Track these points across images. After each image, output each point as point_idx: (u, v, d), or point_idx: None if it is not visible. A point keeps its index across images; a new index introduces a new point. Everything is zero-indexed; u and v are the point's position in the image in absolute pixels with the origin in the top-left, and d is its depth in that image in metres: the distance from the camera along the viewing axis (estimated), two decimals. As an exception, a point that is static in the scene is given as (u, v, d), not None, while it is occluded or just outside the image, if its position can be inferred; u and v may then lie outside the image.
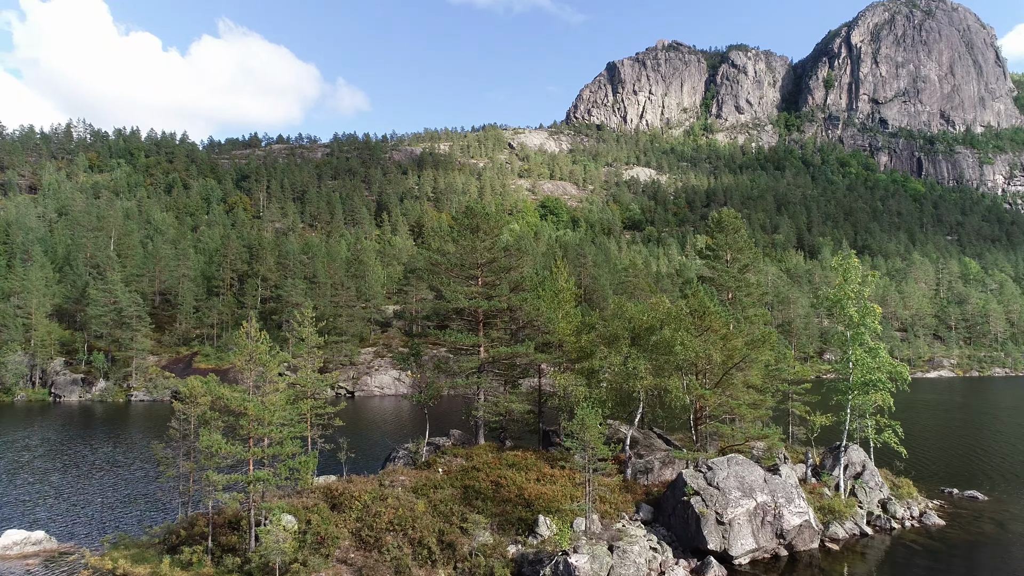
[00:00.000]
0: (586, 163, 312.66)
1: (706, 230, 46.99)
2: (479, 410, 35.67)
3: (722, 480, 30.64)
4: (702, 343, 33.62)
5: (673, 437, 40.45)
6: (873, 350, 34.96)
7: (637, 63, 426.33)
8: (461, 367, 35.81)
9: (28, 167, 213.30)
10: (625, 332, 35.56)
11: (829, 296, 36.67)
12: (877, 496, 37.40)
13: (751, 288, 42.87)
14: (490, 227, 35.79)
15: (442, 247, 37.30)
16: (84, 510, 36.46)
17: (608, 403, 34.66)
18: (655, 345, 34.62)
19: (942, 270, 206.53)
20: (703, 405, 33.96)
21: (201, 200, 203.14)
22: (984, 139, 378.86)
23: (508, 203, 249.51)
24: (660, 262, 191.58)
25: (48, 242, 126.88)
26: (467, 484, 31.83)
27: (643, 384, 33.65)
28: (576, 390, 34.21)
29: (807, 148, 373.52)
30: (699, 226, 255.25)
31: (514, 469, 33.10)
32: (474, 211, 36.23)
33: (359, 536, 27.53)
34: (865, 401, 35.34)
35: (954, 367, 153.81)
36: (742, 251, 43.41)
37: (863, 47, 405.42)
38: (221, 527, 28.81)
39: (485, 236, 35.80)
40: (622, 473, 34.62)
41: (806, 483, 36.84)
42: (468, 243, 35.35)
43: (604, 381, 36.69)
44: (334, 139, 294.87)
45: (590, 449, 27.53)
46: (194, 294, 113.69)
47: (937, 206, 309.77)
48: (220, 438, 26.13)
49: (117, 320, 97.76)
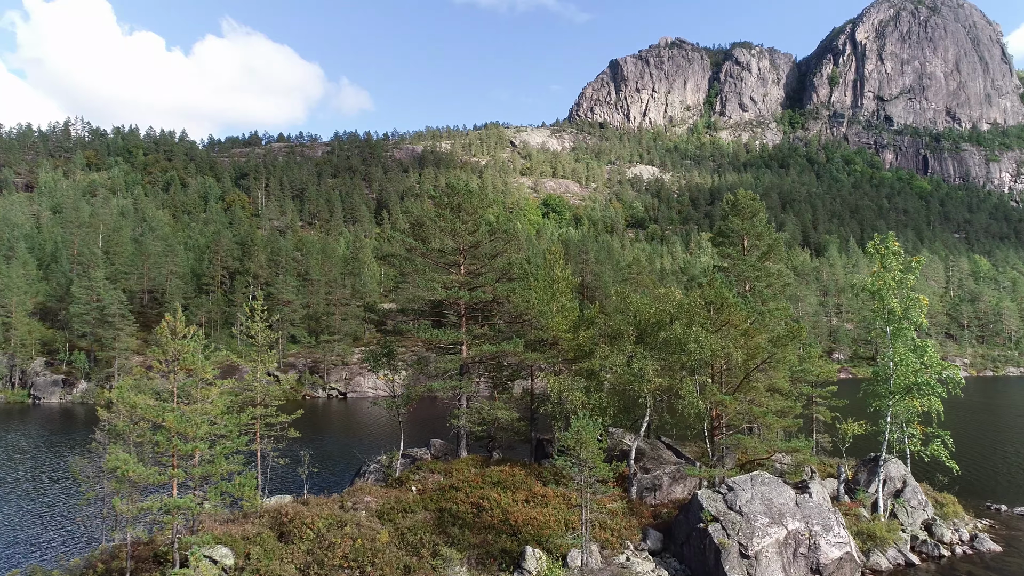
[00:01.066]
0: (589, 161, 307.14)
1: (720, 214, 41.62)
2: (460, 418, 30.56)
3: (745, 503, 25.46)
4: (720, 340, 28.43)
5: (684, 448, 35.26)
6: (920, 348, 29.72)
7: (640, 61, 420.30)
8: (440, 368, 30.73)
9: (25, 165, 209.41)
10: (629, 328, 30.41)
11: (866, 286, 31.41)
12: (920, 516, 32.12)
13: (772, 278, 37.57)
14: (473, 207, 30.71)
15: (418, 231, 31.71)
16: (9, 534, 31.44)
17: (609, 410, 29.49)
18: (664, 343, 29.47)
19: (952, 267, 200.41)
20: (721, 413, 28.77)
21: (199, 198, 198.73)
22: (990, 136, 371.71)
23: (510, 201, 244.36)
24: (664, 260, 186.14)
25: (35, 239, 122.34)
26: (443, 506, 26.72)
27: (650, 388, 28.52)
28: (572, 396, 29.06)
29: (811, 146, 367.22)
30: (703, 224, 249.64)
31: (499, 488, 27.98)
32: (455, 188, 31.17)
33: (307, 575, 22.46)
34: (909, 408, 30.10)
35: (968, 366, 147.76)
36: (761, 237, 38.15)
37: (868, 44, 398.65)
38: (145, 561, 23.81)
39: (467, 217, 30.75)
40: (626, 492, 29.49)
41: (839, 501, 31.62)
42: (448, 225, 30.28)
43: (605, 383, 31.50)
44: (335, 137, 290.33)
45: (587, 468, 22.40)
46: (183, 292, 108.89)
47: (944, 204, 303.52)
48: (129, 457, 21.06)
49: (99, 318, 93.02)
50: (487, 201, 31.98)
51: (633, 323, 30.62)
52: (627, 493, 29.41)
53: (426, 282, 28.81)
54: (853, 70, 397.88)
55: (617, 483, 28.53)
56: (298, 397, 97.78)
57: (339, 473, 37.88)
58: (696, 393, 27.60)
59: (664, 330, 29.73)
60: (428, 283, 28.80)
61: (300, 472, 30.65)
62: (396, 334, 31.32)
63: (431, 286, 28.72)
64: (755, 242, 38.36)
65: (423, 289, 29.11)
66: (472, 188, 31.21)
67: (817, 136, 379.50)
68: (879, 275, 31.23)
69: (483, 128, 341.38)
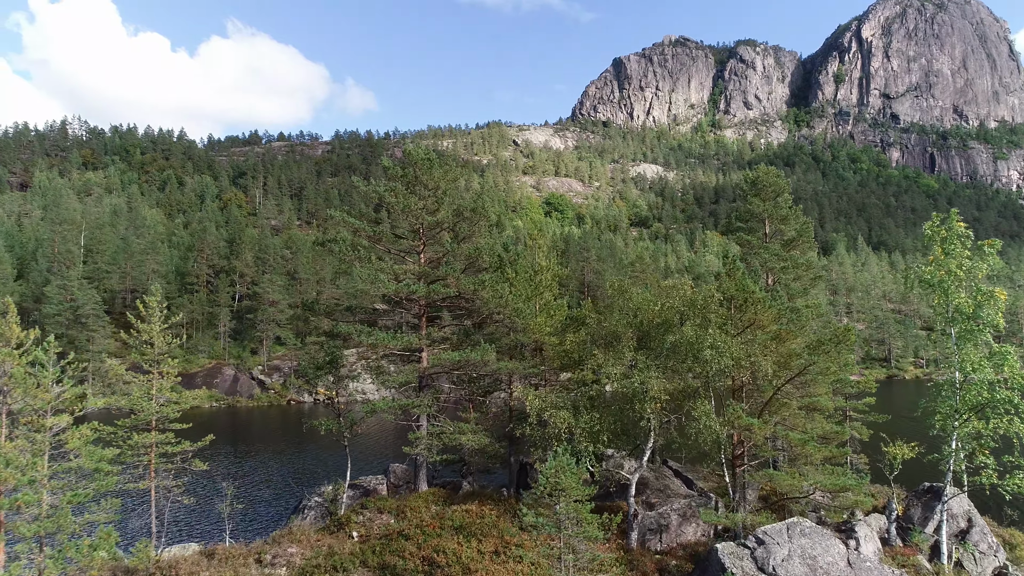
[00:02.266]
0: (592, 160, 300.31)
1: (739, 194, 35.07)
2: (418, 444, 24.21)
3: (781, 562, 19.01)
4: (743, 346, 22.00)
5: (697, 474, 28.79)
6: (997, 355, 23.19)
7: (644, 59, 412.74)
8: (395, 381, 24.39)
9: (20, 164, 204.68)
10: (628, 329, 23.98)
11: (924, 277, 24.89)
12: (991, 564, 25.59)
13: (800, 270, 31.04)
14: (434, 180, 24.44)
15: (365, 209, 25.30)
16: None
17: (604, 433, 23.08)
18: (673, 348, 23.06)
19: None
20: (745, 439, 22.37)
21: (195, 197, 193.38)
22: (998, 134, 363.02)
23: (512, 200, 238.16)
24: (669, 258, 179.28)
25: (15, 238, 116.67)
26: (387, 562, 20.38)
27: (655, 408, 22.13)
28: (555, 417, 22.65)
29: (817, 144, 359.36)
30: (708, 223, 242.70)
31: (462, 536, 21.60)
32: (412, 157, 24.90)
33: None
34: (980, 429, 23.62)
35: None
36: (786, 220, 31.62)
37: (874, 41, 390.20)
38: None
39: (426, 192, 24.51)
40: (624, 537, 23.09)
41: (890, 545, 25.14)
42: (401, 202, 23.98)
43: (599, 397, 25.07)
44: (335, 136, 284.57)
45: (570, 522, 16.08)
46: (165, 291, 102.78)
47: (952, 202, 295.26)
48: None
49: (73, 319, 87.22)
50: (452, 173, 25.61)
51: (633, 323, 24.20)
52: (626, 539, 23.00)
53: (370, 273, 22.53)
54: (859, 68, 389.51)
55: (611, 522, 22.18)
56: (283, 402, 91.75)
57: (279, 507, 31.40)
58: (713, 414, 21.17)
59: (672, 333, 23.31)
60: (373, 274, 22.50)
61: (222, 510, 24.37)
62: (334, 337, 25.03)
63: (376, 277, 22.41)
64: (779, 227, 31.87)
65: (366, 281, 22.87)
66: (432, 156, 24.97)
67: (823, 134, 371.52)
68: (940, 263, 24.73)
69: (485, 127, 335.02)
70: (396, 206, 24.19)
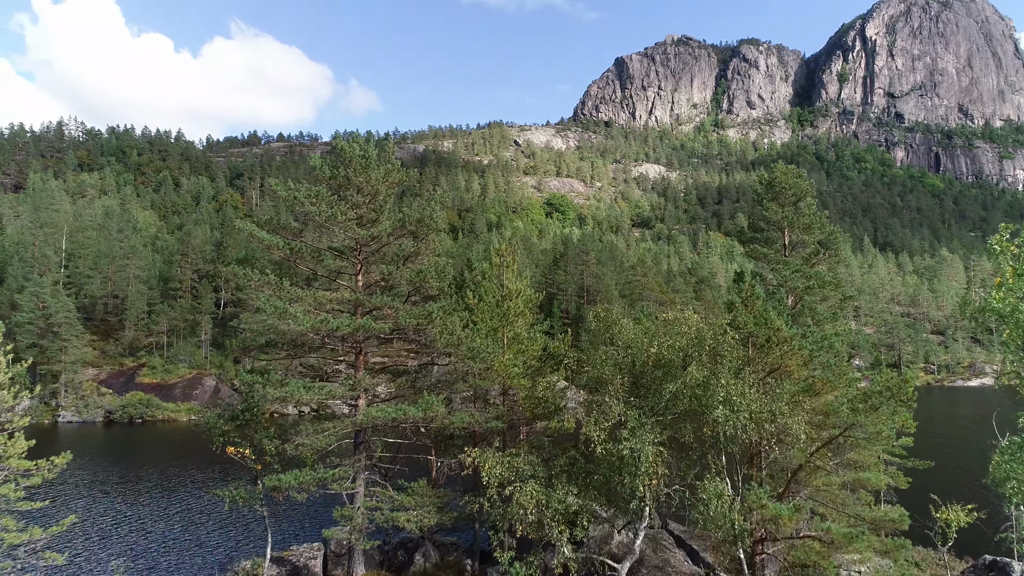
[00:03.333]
0: (594, 160, 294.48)
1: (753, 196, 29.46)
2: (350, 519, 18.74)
3: None
4: (767, 399, 16.58)
5: (704, 543, 23.33)
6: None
7: (646, 58, 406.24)
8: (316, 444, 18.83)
9: (15, 166, 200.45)
10: (617, 374, 18.57)
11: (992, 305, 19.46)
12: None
13: (826, 289, 25.29)
14: (371, 184, 19.11)
15: (285, 219, 19.81)
16: None
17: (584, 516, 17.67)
18: (674, 399, 17.66)
19: (973, 267, 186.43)
20: (769, 531, 16.98)
21: (191, 199, 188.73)
22: (1004, 133, 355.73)
23: (513, 201, 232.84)
24: (671, 260, 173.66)
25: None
26: None
27: (650, 482, 16.75)
28: (520, 493, 17.27)
29: (821, 144, 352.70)
30: (711, 223, 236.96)
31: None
32: (344, 154, 19.61)
33: None
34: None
35: (997, 373, 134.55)
36: (810, 229, 25.83)
37: (878, 40, 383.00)
38: None
39: (361, 199, 19.22)
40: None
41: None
42: (326, 211, 18.61)
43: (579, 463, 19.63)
44: (335, 137, 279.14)
45: None
46: (147, 297, 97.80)
47: (957, 201, 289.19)
48: None
49: (46, 328, 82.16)
50: (395, 175, 20.24)
51: (623, 365, 18.82)
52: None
53: (273, 308, 16.96)
54: (863, 67, 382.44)
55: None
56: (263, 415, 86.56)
57: None
58: (728, 496, 15.76)
59: (673, 379, 17.87)
60: (276, 309, 16.94)
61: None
62: (262, 375, 19.47)
63: (282, 311, 16.93)
64: (801, 237, 26.28)
65: (271, 316, 17.49)
66: (370, 154, 19.64)
67: (826, 134, 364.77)
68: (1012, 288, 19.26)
69: (486, 127, 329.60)
70: (319, 216, 18.82)
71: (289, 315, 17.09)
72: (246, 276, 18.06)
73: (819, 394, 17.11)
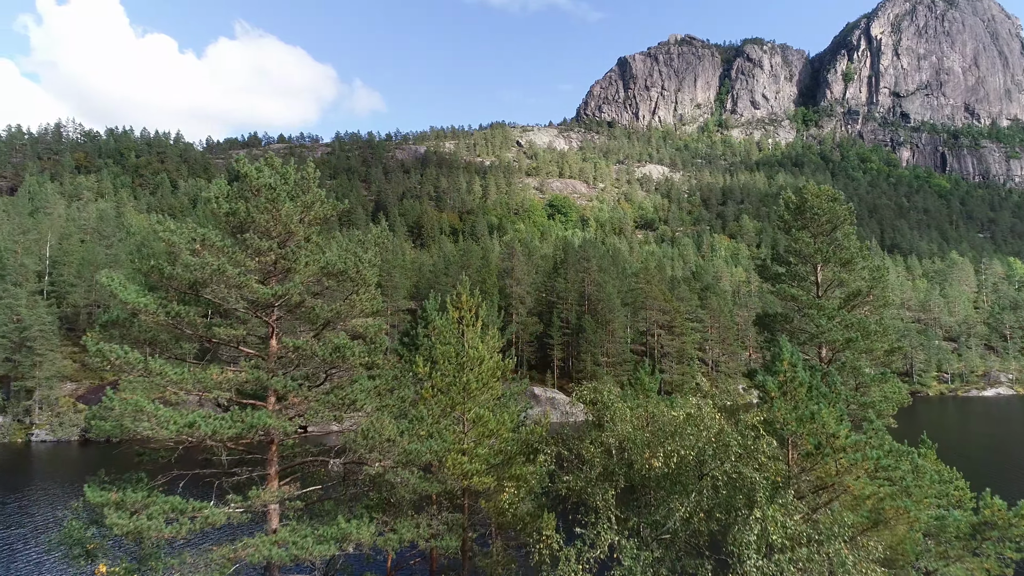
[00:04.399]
0: (596, 161, 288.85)
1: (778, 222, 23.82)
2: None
3: None
4: (814, 529, 11.53)
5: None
6: None
7: (649, 58, 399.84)
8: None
9: (11, 168, 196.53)
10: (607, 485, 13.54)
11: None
12: None
13: (872, 339, 19.81)
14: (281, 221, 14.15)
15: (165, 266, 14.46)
16: None
17: None
18: (682, 525, 12.63)
19: (985, 270, 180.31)
20: None
21: (188, 201, 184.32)
22: (1011, 132, 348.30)
23: (515, 202, 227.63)
24: (675, 264, 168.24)
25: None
26: None
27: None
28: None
29: (826, 144, 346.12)
30: (715, 225, 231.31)
31: None
32: (249, 179, 14.77)
33: None
34: None
35: (1013, 383, 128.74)
36: (850, 265, 20.49)
37: (883, 39, 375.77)
38: None
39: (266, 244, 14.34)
40: None
41: None
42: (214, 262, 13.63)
43: None
44: (336, 138, 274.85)
45: None
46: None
47: (965, 202, 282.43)
48: None
49: (19, 342, 77.58)
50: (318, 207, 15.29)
51: (616, 467, 13.84)
52: None
53: (127, 406, 11.90)
54: (868, 66, 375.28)
55: None
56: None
57: None
58: None
59: (684, 495, 12.84)
60: (126, 406, 11.90)
61: None
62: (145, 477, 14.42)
63: (135, 407, 11.82)
64: (839, 274, 20.96)
65: (124, 416, 12.48)
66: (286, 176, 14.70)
67: (831, 134, 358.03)
68: None
69: (488, 128, 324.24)
70: (201, 271, 13.86)
71: (146, 414, 12.14)
72: (100, 354, 13.09)
73: (890, 525, 12.05)
